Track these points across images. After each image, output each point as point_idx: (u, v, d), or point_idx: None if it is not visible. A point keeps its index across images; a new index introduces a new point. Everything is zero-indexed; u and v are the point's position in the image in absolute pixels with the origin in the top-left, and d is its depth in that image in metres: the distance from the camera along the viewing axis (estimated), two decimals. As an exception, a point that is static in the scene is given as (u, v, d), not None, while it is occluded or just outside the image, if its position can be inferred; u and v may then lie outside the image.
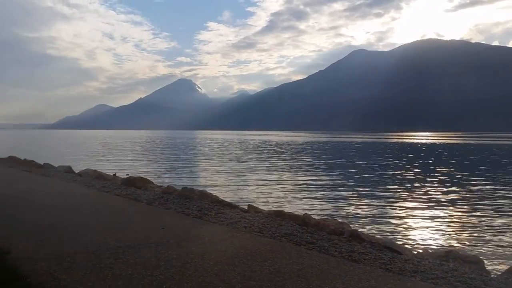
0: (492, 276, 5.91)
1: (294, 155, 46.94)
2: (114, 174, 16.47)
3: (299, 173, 27.47)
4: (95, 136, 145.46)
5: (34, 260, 5.01)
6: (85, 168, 18.40)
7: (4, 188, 11.47)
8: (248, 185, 20.70)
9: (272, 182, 21.97)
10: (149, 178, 14.24)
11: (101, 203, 9.22)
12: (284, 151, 56.37)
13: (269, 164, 33.84)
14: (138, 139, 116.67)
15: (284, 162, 36.32)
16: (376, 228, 11.89)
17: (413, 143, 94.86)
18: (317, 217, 9.13)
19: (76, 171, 17.67)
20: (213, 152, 52.39)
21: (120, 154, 47.65)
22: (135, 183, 13.21)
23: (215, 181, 22.65)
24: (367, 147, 70.69)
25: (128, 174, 18.46)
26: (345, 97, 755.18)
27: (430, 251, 7.36)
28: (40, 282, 4.27)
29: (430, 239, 10.92)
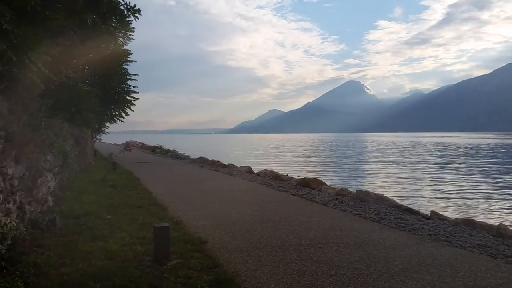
0: None
1: (479, 159, 41.64)
2: (287, 175, 17.27)
3: (485, 179, 24.23)
4: (268, 140, 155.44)
5: (228, 250, 5.58)
6: (263, 168, 19.76)
7: (205, 184, 13.17)
8: (425, 190, 19.19)
9: (453, 188, 19.90)
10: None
11: (281, 202, 9.75)
12: (467, 154, 50.46)
13: (449, 169, 30.79)
14: (306, 142, 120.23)
15: (467, 167, 32.51)
16: None
17: None
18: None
19: (255, 171, 19.15)
20: (384, 155, 50.30)
21: (290, 156, 49.84)
22: (309, 184, 13.63)
23: (388, 184, 21.64)
24: None
25: (299, 175, 19.10)
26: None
27: None
28: (235, 270, 4.73)
29: None
